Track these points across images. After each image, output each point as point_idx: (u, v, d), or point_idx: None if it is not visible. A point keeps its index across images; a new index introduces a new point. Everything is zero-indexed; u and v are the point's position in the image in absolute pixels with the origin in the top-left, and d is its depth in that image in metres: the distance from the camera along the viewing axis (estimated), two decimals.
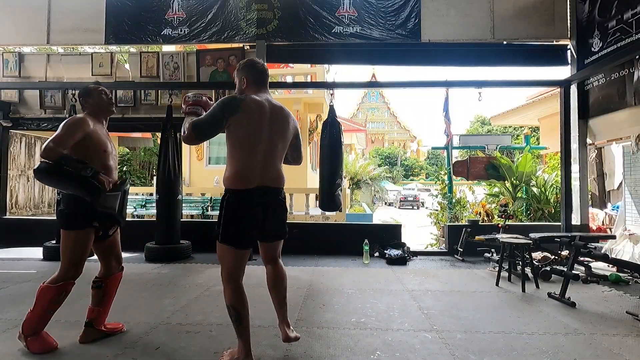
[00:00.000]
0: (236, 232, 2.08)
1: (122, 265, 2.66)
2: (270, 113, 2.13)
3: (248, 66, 2.22)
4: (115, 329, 2.64)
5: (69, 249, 2.30)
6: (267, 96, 2.20)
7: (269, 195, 2.15)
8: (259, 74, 2.22)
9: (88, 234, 2.33)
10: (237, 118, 2.04)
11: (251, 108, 2.07)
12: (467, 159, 7.39)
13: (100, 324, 2.54)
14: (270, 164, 2.14)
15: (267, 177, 2.12)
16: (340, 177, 5.33)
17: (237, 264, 2.13)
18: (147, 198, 8.50)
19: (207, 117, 2.06)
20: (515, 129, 21.95)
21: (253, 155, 2.08)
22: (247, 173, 2.07)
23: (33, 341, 2.30)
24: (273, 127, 2.14)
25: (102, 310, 2.53)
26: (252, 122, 2.07)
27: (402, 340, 2.58)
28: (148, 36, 6.29)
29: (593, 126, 5.68)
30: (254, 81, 2.20)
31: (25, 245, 5.80)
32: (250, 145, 2.07)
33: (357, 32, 6.03)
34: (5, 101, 6.40)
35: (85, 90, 2.51)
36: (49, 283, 2.30)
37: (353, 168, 18.16)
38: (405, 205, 24.85)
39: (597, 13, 5.31)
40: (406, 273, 4.58)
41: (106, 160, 2.40)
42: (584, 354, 2.40)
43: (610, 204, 6.06)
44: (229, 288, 2.11)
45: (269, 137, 2.12)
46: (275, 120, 2.15)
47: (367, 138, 29.08)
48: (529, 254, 4.04)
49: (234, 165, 2.08)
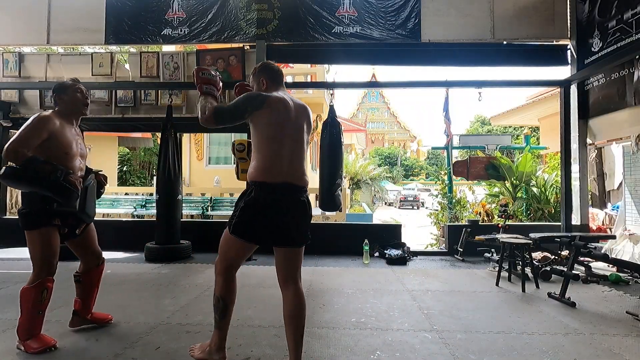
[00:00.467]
0: (252, 226, 2.02)
1: (103, 259, 2.70)
2: (294, 110, 2.13)
3: (264, 68, 2.25)
4: (103, 320, 2.72)
5: (37, 248, 2.30)
6: (287, 94, 2.22)
7: (293, 193, 2.06)
8: (275, 73, 2.24)
9: (50, 232, 2.31)
10: (262, 113, 2.04)
11: (276, 104, 2.07)
12: (467, 159, 7.39)
13: (86, 314, 2.63)
14: (297, 162, 2.10)
15: (293, 174, 2.07)
16: (340, 177, 5.33)
17: (239, 257, 2.11)
18: (147, 198, 8.51)
19: (231, 107, 2.08)
20: (515, 129, 21.95)
21: (280, 151, 2.05)
22: (274, 168, 2.03)
23: (31, 343, 2.30)
24: (298, 123, 2.13)
25: (86, 302, 2.61)
26: (278, 118, 2.06)
27: (402, 340, 2.58)
28: (148, 36, 6.29)
29: (593, 126, 5.68)
30: (272, 81, 2.21)
31: (25, 245, 5.78)
32: (277, 141, 2.05)
33: (357, 32, 6.03)
34: (5, 101, 6.40)
35: (59, 86, 2.45)
36: (27, 285, 2.31)
37: (353, 168, 18.16)
38: (405, 205, 24.85)
39: (597, 13, 5.31)
40: (406, 273, 4.58)
41: (68, 161, 2.34)
42: (584, 354, 2.40)
43: (610, 204, 6.05)
44: (222, 279, 2.08)
45: (294, 133, 2.11)
46: (299, 116, 2.15)
47: (367, 138, 29.09)
48: (529, 254, 4.04)
49: (260, 159, 2.05)
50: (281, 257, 2.08)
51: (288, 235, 2.06)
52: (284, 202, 2.03)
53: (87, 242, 2.59)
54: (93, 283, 2.65)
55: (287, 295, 2.03)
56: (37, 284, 2.29)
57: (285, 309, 2.02)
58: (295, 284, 2.05)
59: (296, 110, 2.14)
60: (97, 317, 2.72)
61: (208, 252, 5.48)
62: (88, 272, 2.62)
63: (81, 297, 2.62)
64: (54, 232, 2.33)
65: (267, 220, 2.00)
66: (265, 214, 2.00)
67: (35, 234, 2.29)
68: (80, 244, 2.56)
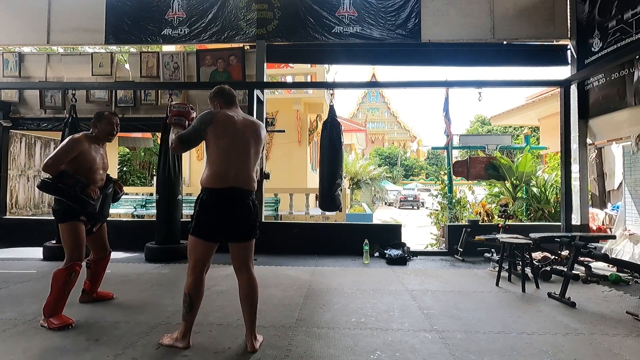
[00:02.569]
0: (206, 226, 2.34)
1: (110, 251, 3.28)
2: (240, 124, 2.43)
3: (218, 93, 2.56)
4: (105, 296, 3.33)
5: (67, 238, 2.81)
6: (239, 111, 2.54)
7: (240, 196, 2.38)
8: (227, 96, 2.55)
9: (77, 225, 2.85)
10: (212, 129, 2.35)
11: (223, 120, 2.39)
12: (467, 159, 7.39)
13: (92, 293, 3.25)
14: (243, 168, 2.40)
15: (239, 179, 2.37)
16: (340, 177, 5.33)
17: (203, 257, 2.39)
18: (147, 198, 8.51)
19: (189, 131, 2.39)
20: (515, 129, 21.95)
21: (227, 159, 2.36)
22: (221, 174, 2.34)
23: (53, 320, 2.68)
24: (244, 135, 2.43)
25: (93, 284, 3.23)
26: (225, 132, 2.37)
27: (402, 340, 2.58)
28: (148, 36, 6.30)
29: (593, 126, 5.68)
30: (225, 103, 2.53)
31: (25, 245, 5.80)
32: (224, 151, 2.36)
33: (357, 32, 6.03)
34: (5, 101, 6.39)
35: (98, 115, 3.06)
36: (61, 267, 2.77)
37: (353, 168, 18.15)
38: (405, 205, 24.86)
39: (597, 13, 5.31)
40: (406, 273, 4.58)
41: (92, 174, 2.92)
42: (584, 354, 2.40)
43: (610, 204, 6.05)
44: (191, 277, 2.38)
45: (240, 145, 2.41)
46: (246, 131, 2.44)
47: (367, 138, 29.06)
48: (529, 254, 4.04)
49: (210, 167, 2.37)
50: (234, 250, 2.46)
51: (237, 231, 2.40)
52: (231, 204, 2.35)
53: (100, 237, 3.18)
54: (100, 269, 3.24)
55: (241, 280, 2.46)
56: (68, 267, 2.76)
57: (240, 291, 2.45)
58: (248, 271, 2.47)
59: (243, 125, 2.44)
60: (101, 294, 3.31)
61: None
62: (97, 261, 3.20)
63: (90, 280, 3.21)
64: (81, 225, 2.88)
65: (218, 221, 2.34)
66: (216, 215, 2.34)
67: (66, 226, 2.81)
68: (94, 238, 3.12)
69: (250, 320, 2.43)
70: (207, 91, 6.86)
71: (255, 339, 2.43)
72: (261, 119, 5.84)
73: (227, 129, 2.38)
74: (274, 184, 7.96)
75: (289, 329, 2.75)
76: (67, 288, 2.76)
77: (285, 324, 2.84)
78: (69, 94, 5.66)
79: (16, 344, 2.43)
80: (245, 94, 5.96)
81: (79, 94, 5.95)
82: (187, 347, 2.40)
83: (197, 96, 6.39)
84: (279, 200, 8.31)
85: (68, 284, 2.76)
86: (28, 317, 2.88)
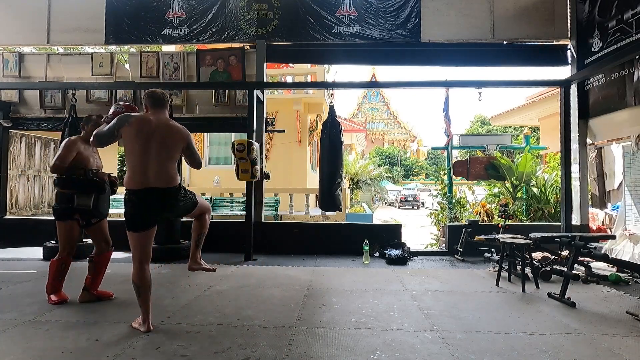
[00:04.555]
0: (132, 221, 2.63)
1: (112, 246, 3.43)
2: (155, 128, 2.61)
3: (147, 96, 2.75)
4: (105, 295, 3.38)
5: (62, 234, 3.22)
6: (161, 115, 2.71)
7: (156, 195, 2.59)
8: (156, 100, 2.73)
9: (71, 224, 3.22)
10: (125, 130, 2.58)
11: (137, 124, 2.59)
12: (467, 159, 7.39)
13: (93, 290, 3.33)
14: (157, 168, 2.58)
15: (155, 179, 2.57)
16: (340, 177, 5.33)
17: (140, 246, 2.63)
18: None
19: (105, 129, 2.64)
20: (515, 129, 21.93)
21: (139, 161, 2.57)
22: (135, 177, 2.57)
23: (52, 297, 3.21)
24: (158, 138, 2.60)
25: (94, 279, 3.33)
26: (138, 134, 2.57)
27: (402, 340, 2.58)
28: (148, 36, 6.30)
29: (593, 126, 5.67)
30: (152, 105, 2.72)
31: (25, 245, 5.80)
32: (137, 154, 2.57)
33: (357, 32, 6.03)
34: (5, 101, 6.39)
35: (86, 118, 3.35)
36: (54, 258, 3.22)
37: (353, 168, 18.14)
38: (405, 205, 24.85)
39: (597, 13, 5.31)
40: (406, 273, 4.58)
41: None
42: (584, 354, 2.40)
43: (610, 204, 6.05)
44: (134, 268, 2.64)
45: (153, 145, 2.58)
46: (160, 133, 2.62)
47: (367, 138, 29.05)
48: (529, 254, 4.04)
49: (128, 169, 2.61)
50: None
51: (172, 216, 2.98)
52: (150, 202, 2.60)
53: (101, 231, 3.38)
54: (102, 264, 3.36)
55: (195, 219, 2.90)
56: (60, 259, 3.21)
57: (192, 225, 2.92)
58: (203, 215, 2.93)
59: (158, 128, 2.62)
60: (101, 293, 3.38)
61: (207, 252, 5.45)
62: (99, 254, 3.35)
63: (92, 274, 3.32)
64: (75, 225, 3.24)
65: (144, 214, 2.62)
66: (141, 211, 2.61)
67: (62, 223, 3.20)
68: (95, 232, 3.35)
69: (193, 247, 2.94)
70: (208, 91, 6.90)
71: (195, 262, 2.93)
72: (261, 118, 5.84)
73: (140, 131, 2.57)
74: (274, 184, 7.97)
75: (289, 329, 2.75)
76: (60, 274, 3.22)
77: (285, 324, 2.84)
78: (69, 94, 5.66)
79: (16, 344, 2.43)
80: (245, 94, 5.96)
81: (79, 94, 5.95)
82: (148, 330, 2.64)
83: (197, 96, 6.39)
84: (279, 200, 8.31)
85: (60, 271, 3.21)
86: (28, 317, 2.88)
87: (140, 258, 2.64)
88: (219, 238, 5.13)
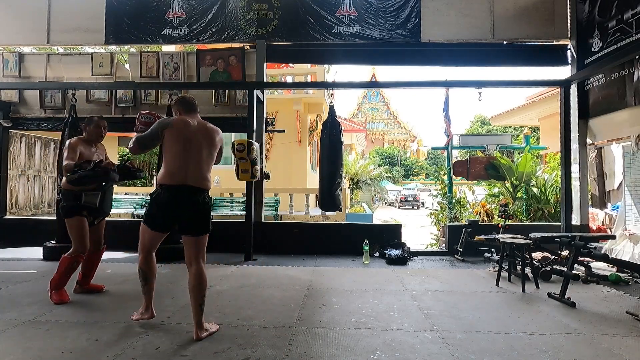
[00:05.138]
0: (154, 218, 2.65)
1: (104, 246, 3.58)
2: (196, 128, 2.70)
3: (179, 101, 2.86)
4: (96, 288, 3.55)
5: (72, 231, 3.24)
6: (197, 118, 2.81)
7: (188, 192, 2.61)
8: (188, 104, 2.83)
9: (81, 220, 3.26)
10: (168, 131, 2.65)
11: (179, 124, 2.69)
12: (467, 159, 7.39)
13: (84, 285, 3.50)
14: (195, 168, 2.63)
15: (190, 177, 2.61)
16: (340, 177, 5.33)
17: (150, 241, 2.71)
18: (147, 198, 8.48)
19: (148, 134, 2.69)
20: (515, 129, 21.94)
21: (179, 159, 2.61)
22: (173, 173, 2.60)
23: (54, 295, 3.21)
24: (198, 138, 2.68)
25: (86, 275, 3.48)
26: (180, 134, 2.64)
27: (402, 340, 2.58)
28: (148, 36, 6.29)
29: (593, 126, 5.67)
30: (186, 110, 2.81)
31: (25, 245, 5.79)
32: (177, 152, 2.62)
33: (357, 32, 6.03)
34: (5, 101, 6.39)
35: (88, 120, 3.46)
36: (67, 255, 3.24)
37: (353, 168, 18.14)
38: (405, 205, 24.85)
39: (597, 13, 5.31)
40: (406, 273, 4.58)
41: None
42: (584, 354, 2.40)
43: (610, 204, 6.05)
44: (141, 256, 2.72)
45: (194, 146, 2.66)
46: (200, 133, 2.71)
47: (367, 138, 29.05)
48: (529, 254, 4.04)
49: (164, 166, 2.65)
50: (185, 243, 2.67)
51: (185, 225, 2.64)
52: (180, 200, 2.60)
53: (97, 231, 3.47)
54: (93, 262, 3.50)
55: (190, 273, 2.63)
56: (73, 257, 3.23)
57: (188, 282, 2.62)
58: (197, 265, 2.64)
59: (197, 130, 2.70)
60: (92, 286, 3.55)
61: (208, 252, 5.44)
62: (91, 253, 3.41)
63: (83, 271, 3.46)
64: (84, 220, 3.28)
65: (165, 214, 2.63)
66: (165, 209, 2.61)
67: (71, 220, 3.23)
68: (91, 232, 3.37)
69: (196, 312, 2.58)
70: (208, 91, 6.91)
71: (201, 328, 2.57)
72: (261, 118, 5.84)
73: (182, 133, 2.64)
74: (274, 184, 7.97)
75: (289, 329, 2.75)
76: (69, 272, 3.26)
77: (285, 324, 2.84)
78: (69, 94, 5.66)
79: (16, 344, 2.44)
80: (245, 94, 5.96)
81: (79, 94, 5.95)
82: (152, 317, 2.76)
83: (197, 96, 6.37)
84: (279, 200, 8.31)
85: (70, 269, 3.25)
86: (28, 317, 2.88)
87: (148, 248, 2.72)
88: (219, 238, 5.11)
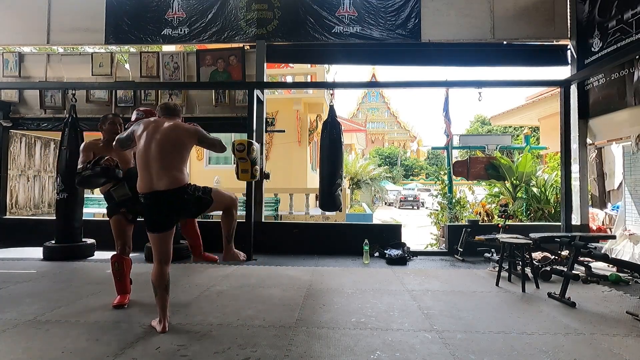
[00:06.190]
0: (150, 222, 2.68)
1: None
2: (156, 129, 2.66)
3: (159, 107, 2.90)
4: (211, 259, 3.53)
5: (113, 231, 3.24)
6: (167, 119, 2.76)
7: (162, 198, 2.60)
8: (167, 109, 2.85)
9: (119, 219, 3.22)
10: (135, 133, 2.70)
11: (143, 126, 2.68)
12: (467, 159, 7.39)
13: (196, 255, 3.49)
14: (157, 171, 2.58)
15: (155, 182, 2.58)
16: (340, 177, 5.33)
17: (158, 246, 2.67)
18: None
19: (124, 133, 2.80)
20: (515, 129, 21.93)
21: (143, 165, 2.61)
22: (141, 180, 2.63)
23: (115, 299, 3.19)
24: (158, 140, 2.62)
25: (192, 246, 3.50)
26: (141, 137, 2.65)
27: (402, 340, 2.58)
28: (148, 36, 6.29)
29: (593, 126, 5.67)
30: (162, 114, 2.83)
31: (25, 245, 5.79)
32: (140, 156, 2.63)
33: (357, 32, 6.03)
34: (5, 101, 6.39)
35: (103, 117, 3.45)
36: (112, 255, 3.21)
37: (353, 168, 18.13)
38: (405, 205, 24.86)
39: (597, 13, 5.30)
40: (406, 273, 4.58)
41: None
42: (584, 354, 2.40)
43: (610, 204, 6.05)
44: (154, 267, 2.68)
45: (154, 148, 2.60)
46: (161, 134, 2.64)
47: (367, 138, 29.04)
48: (529, 254, 4.03)
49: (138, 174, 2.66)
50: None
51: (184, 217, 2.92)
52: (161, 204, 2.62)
53: None
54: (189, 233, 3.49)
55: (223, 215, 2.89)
56: (113, 259, 3.19)
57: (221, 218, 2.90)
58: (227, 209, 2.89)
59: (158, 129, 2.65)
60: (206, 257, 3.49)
61: (208, 252, 5.47)
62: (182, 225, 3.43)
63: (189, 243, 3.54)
64: (121, 219, 3.24)
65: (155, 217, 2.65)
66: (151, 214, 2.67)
67: (111, 220, 3.24)
68: None
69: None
70: (208, 91, 6.91)
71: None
72: (261, 119, 5.84)
73: (143, 134, 2.65)
74: (274, 184, 7.96)
75: (289, 329, 2.75)
76: (116, 274, 3.19)
77: (285, 324, 2.84)
78: (69, 94, 5.66)
79: (16, 344, 2.43)
80: (245, 94, 5.96)
81: (79, 94, 5.95)
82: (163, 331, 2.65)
83: (197, 96, 6.39)
84: (279, 200, 8.31)
85: (115, 271, 3.18)
86: (28, 317, 2.88)
87: (159, 258, 2.67)
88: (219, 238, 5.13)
